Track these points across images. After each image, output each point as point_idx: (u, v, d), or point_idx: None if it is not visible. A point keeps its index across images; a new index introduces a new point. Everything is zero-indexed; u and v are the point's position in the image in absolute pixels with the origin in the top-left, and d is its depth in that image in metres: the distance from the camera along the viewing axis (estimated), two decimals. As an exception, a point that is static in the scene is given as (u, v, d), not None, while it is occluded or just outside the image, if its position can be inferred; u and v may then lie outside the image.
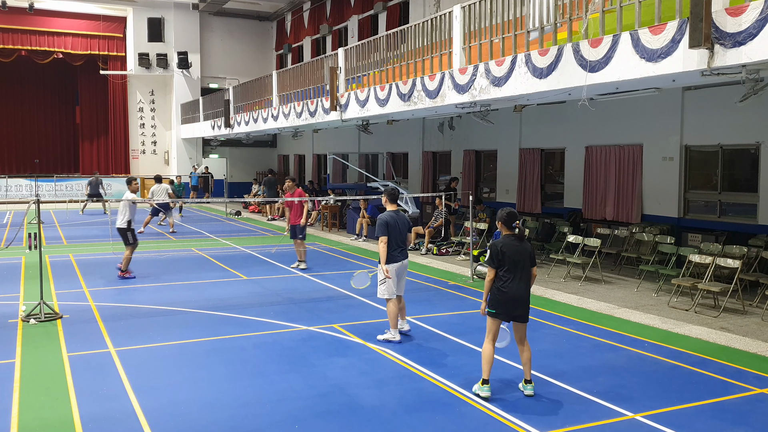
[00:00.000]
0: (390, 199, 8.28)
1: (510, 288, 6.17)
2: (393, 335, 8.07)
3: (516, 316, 6.26)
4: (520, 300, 6.20)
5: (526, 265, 6.22)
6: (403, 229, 8.14)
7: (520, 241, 6.24)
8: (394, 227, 8.02)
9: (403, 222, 8.19)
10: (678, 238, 12.60)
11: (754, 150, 12.02)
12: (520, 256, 6.18)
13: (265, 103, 22.54)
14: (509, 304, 6.19)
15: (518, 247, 6.20)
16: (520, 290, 6.20)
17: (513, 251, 6.17)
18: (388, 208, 8.26)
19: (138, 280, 12.11)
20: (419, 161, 21.80)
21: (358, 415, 5.81)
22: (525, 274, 6.23)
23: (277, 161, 34.96)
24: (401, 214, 8.33)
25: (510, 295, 6.16)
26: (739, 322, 9.07)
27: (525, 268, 6.22)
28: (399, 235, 8.08)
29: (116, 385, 6.51)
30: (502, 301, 6.19)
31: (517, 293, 6.17)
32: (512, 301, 6.18)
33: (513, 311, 6.22)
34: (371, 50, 15.43)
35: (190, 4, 32.08)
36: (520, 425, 5.58)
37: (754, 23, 6.91)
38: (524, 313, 6.27)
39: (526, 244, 6.29)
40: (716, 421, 5.73)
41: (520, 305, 6.22)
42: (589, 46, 8.98)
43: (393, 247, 8.02)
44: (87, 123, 33.47)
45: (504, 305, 6.20)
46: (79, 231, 19.93)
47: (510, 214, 6.29)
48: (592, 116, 14.06)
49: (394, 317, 8.07)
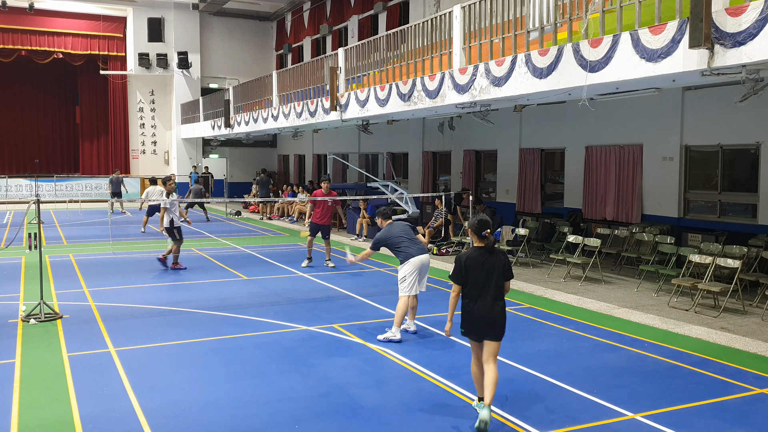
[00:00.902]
0: (384, 219, 8.66)
1: (476, 307, 5.52)
2: (394, 334, 8.07)
3: (488, 335, 5.56)
4: (488, 320, 5.51)
5: (498, 278, 5.55)
6: (408, 231, 8.42)
7: (490, 253, 5.58)
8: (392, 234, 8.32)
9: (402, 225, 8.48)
10: (678, 238, 12.59)
11: (754, 150, 12.02)
12: (488, 272, 5.52)
13: (265, 103, 22.54)
14: (477, 324, 5.55)
15: (487, 260, 5.54)
16: (489, 309, 5.50)
17: (480, 265, 5.53)
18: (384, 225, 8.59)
19: (138, 280, 12.11)
20: (419, 161, 21.80)
21: (358, 415, 5.81)
22: (495, 289, 5.54)
23: (277, 161, 34.96)
24: (398, 223, 8.53)
25: (476, 315, 5.52)
26: (739, 322, 9.07)
27: (496, 282, 5.55)
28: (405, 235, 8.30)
29: (116, 385, 6.51)
30: (469, 321, 5.58)
31: (484, 312, 5.50)
32: (479, 321, 5.53)
33: (481, 332, 5.56)
34: (371, 50, 15.43)
35: (190, 4, 32.07)
36: (520, 425, 5.57)
37: (754, 23, 6.91)
38: (496, 333, 5.56)
39: (499, 256, 5.61)
40: (716, 421, 5.73)
41: (489, 325, 5.53)
42: (589, 46, 8.98)
43: (405, 247, 8.21)
44: (87, 123, 33.47)
45: (472, 325, 5.57)
46: (79, 231, 19.93)
47: (481, 222, 5.59)
48: (592, 116, 14.06)
49: (401, 316, 8.09)
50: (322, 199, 13.37)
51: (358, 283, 11.96)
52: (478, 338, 5.59)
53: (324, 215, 13.48)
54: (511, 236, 14.21)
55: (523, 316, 9.47)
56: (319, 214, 13.46)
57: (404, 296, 8.13)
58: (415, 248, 8.22)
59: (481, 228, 5.58)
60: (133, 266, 13.67)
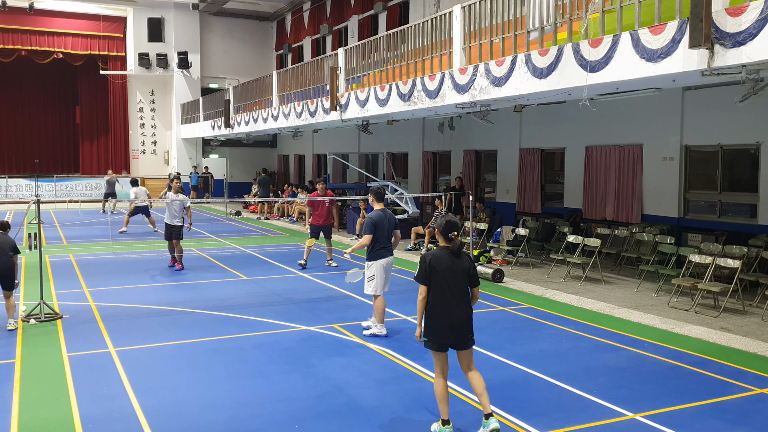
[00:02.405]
0: (377, 198, 8.52)
1: (439, 312, 5.23)
2: (380, 330, 8.24)
3: (453, 344, 5.29)
4: (452, 326, 5.23)
5: (462, 282, 5.28)
6: (390, 227, 8.36)
7: (456, 256, 5.29)
8: (380, 226, 8.24)
9: (390, 220, 8.40)
10: (678, 238, 12.59)
11: (754, 150, 12.02)
12: (453, 274, 5.24)
13: (265, 103, 22.55)
14: (440, 331, 5.24)
15: (452, 263, 5.26)
16: (453, 314, 5.22)
17: (445, 267, 5.24)
18: (375, 207, 8.50)
19: (138, 280, 12.11)
20: (419, 161, 21.80)
21: (358, 415, 5.81)
22: (460, 293, 5.27)
23: (277, 161, 34.96)
24: (388, 212, 8.52)
25: (440, 321, 5.23)
26: (739, 322, 9.07)
27: (461, 286, 5.27)
28: (385, 233, 8.29)
29: (116, 385, 6.50)
30: (432, 327, 5.25)
31: (448, 318, 5.22)
32: (444, 328, 5.23)
33: (445, 339, 5.26)
34: (371, 50, 15.43)
35: (190, 4, 32.08)
36: (520, 425, 5.57)
37: (754, 23, 6.91)
38: (462, 341, 5.29)
39: (464, 261, 5.33)
40: (716, 421, 5.72)
41: (453, 332, 5.25)
42: (589, 46, 8.98)
43: (379, 245, 8.23)
44: (87, 123, 33.48)
45: (433, 332, 5.26)
46: (79, 231, 19.93)
47: (449, 224, 5.33)
48: (592, 116, 14.06)
49: (381, 312, 8.24)
50: (321, 199, 13.52)
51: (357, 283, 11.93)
52: (441, 348, 5.28)
53: (322, 216, 13.70)
54: (511, 236, 14.21)
55: (523, 316, 9.47)
56: (318, 216, 13.68)
57: (379, 295, 8.28)
58: (387, 250, 8.30)
59: (448, 230, 5.33)
60: (133, 266, 13.67)
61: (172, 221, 12.91)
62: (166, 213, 13.00)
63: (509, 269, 13.23)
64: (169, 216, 12.93)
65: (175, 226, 12.92)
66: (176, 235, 12.97)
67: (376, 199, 8.50)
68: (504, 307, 10.06)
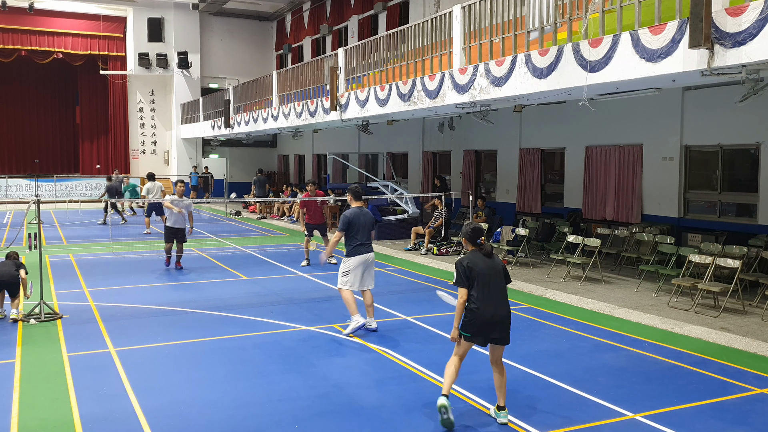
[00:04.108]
0: (354, 197, 8.59)
1: (485, 308, 5.44)
2: (357, 320, 8.25)
3: (494, 339, 5.58)
4: (498, 321, 5.51)
5: (500, 281, 5.58)
6: (367, 224, 8.42)
7: (489, 257, 5.60)
8: (356, 223, 8.30)
9: (367, 218, 8.44)
10: (678, 238, 12.59)
11: (754, 150, 12.02)
12: (492, 271, 5.53)
13: (265, 103, 22.55)
14: (486, 326, 5.48)
15: (488, 262, 5.55)
16: (498, 310, 5.50)
17: (483, 266, 5.51)
18: (353, 205, 8.54)
19: (138, 280, 12.11)
20: (419, 161, 21.80)
21: (358, 415, 5.81)
22: (500, 291, 5.56)
23: (277, 161, 34.96)
24: (365, 210, 8.56)
25: (486, 317, 5.45)
26: (739, 322, 9.07)
27: (499, 284, 5.57)
28: (363, 231, 8.34)
29: (116, 385, 6.51)
30: (477, 324, 5.47)
31: (494, 313, 5.48)
32: (489, 324, 5.48)
33: (490, 334, 5.53)
34: (371, 50, 15.43)
35: (190, 4, 32.07)
36: (520, 425, 5.57)
37: (754, 23, 6.91)
38: (504, 336, 5.59)
39: (497, 260, 5.66)
40: (716, 421, 5.72)
41: (498, 327, 5.53)
42: (589, 46, 8.98)
43: (357, 241, 8.31)
44: (87, 123, 33.47)
45: (480, 328, 5.48)
46: (79, 231, 19.93)
47: (475, 230, 5.65)
48: (592, 116, 14.06)
49: (351, 302, 8.28)
50: (310, 200, 13.96)
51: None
52: (483, 342, 5.59)
53: (315, 215, 14.06)
54: (511, 236, 14.21)
55: (523, 316, 9.46)
56: (311, 215, 14.07)
57: (346, 289, 8.33)
58: (365, 247, 8.37)
59: (476, 236, 5.65)
60: (133, 266, 13.68)
61: (175, 224, 12.88)
62: (170, 216, 12.92)
63: (509, 269, 13.18)
64: (173, 219, 12.88)
65: (179, 229, 12.90)
66: (180, 239, 12.96)
67: (354, 197, 8.58)
68: (504, 307, 10.05)
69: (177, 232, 12.94)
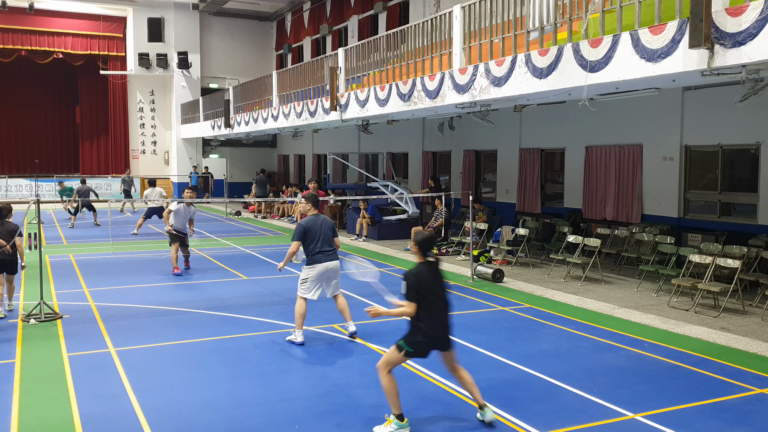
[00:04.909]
0: (313, 205, 8.33)
1: (433, 327, 5.38)
2: (296, 336, 8.00)
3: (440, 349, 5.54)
4: (442, 337, 5.47)
5: (444, 295, 5.48)
6: (326, 231, 8.09)
7: (435, 271, 5.48)
8: (313, 231, 7.98)
9: (326, 225, 8.13)
10: (678, 238, 12.59)
11: (754, 150, 12.02)
12: (437, 288, 5.43)
13: (265, 103, 22.55)
14: (429, 344, 5.44)
15: (435, 278, 5.44)
16: (443, 326, 5.45)
17: (430, 283, 5.39)
18: (310, 212, 8.27)
19: (138, 280, 12.11)
20: (419, 161, 21.80)
21: (358, 415, 5.81)
22: (446, 305, 5.47)
23: (277, 161, 34.95)
24: (322, 216, 8.26)
25: (431, 335, 5.40)
26: (739, 322, 9.07)
27: (443, 298, 5.47)
28: (322, 238, 8.02)
29: (116, 385, 6.51)
30: (421, 342, 5.40)
31: (439, 331, 5.43)
32: (433, 340, 5.44)
33: (431, 349, 5.50)
34: (371, 50, 15.43)
35: (190, 4, 32.07)
36: (520, 425, 5.57)
37: (754, 23, 6.91)
38: (448, 344, 5.54)
39: (441, 271, 5.55)
40: (716, 421, 5.72)
41: (442, 342, 5.50)
42: (589, 46, 8.98)
43: (316, 249, 7.99)
44: (87, 123, 33.47)
45: (423, 346, 5.44)
46: (79, 231, 19.94)
47: (427, 240, 5.50)
48: (592, 116, 14.06)
49: (299, 317, 8.02)
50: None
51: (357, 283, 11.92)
52: (426, 355, 5.54)
53: None
54: (511, 236, 14.21)
55: (523, 316, 9.47)
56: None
57: (302, 298, 8.06)
58: (325, 254, 8.04)
59: (427, 247, 5.49)
60: (133, 266, 13.68)
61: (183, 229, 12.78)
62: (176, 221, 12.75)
63: (509, 269, 13.23)
64: (180, 223, 12.74)
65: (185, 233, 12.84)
66: (184, 241, 12.90)
67: (312, 205, 8.33)
68: (504, 307, 10.06)
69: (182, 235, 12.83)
